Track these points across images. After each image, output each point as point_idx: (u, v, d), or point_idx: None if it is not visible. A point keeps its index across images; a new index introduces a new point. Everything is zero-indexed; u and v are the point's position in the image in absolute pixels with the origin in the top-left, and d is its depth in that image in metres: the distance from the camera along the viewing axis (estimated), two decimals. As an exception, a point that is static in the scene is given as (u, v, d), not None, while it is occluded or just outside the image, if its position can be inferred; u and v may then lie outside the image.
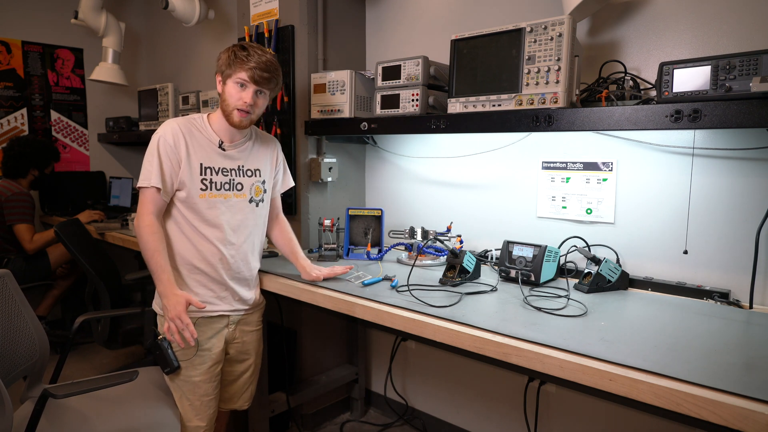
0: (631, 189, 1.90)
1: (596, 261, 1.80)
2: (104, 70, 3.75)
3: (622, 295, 1.76)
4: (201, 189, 1.74)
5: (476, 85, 1.84)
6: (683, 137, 1.76)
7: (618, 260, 1.90)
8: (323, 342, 2.72)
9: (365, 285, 1.84)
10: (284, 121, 2.46)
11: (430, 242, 2.23)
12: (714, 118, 1.37)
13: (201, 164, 1.74)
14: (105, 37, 3.71)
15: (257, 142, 1.90)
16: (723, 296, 1.67)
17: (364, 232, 2.38)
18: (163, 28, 4.20)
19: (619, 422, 2.00)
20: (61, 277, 3.56)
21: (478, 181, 2.34)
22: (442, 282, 1.87)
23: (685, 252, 1.79)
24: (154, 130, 4.00)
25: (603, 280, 1.78)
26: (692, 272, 1.79)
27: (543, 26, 1.65)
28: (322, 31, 2.51)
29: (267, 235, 2.03)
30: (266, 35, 2.47)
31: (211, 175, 1.76)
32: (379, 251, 2.33)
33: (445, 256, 2.03)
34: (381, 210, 2.36)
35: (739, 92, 1.34)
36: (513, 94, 1.74)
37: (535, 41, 1.68)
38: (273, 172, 1.95)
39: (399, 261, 2.25)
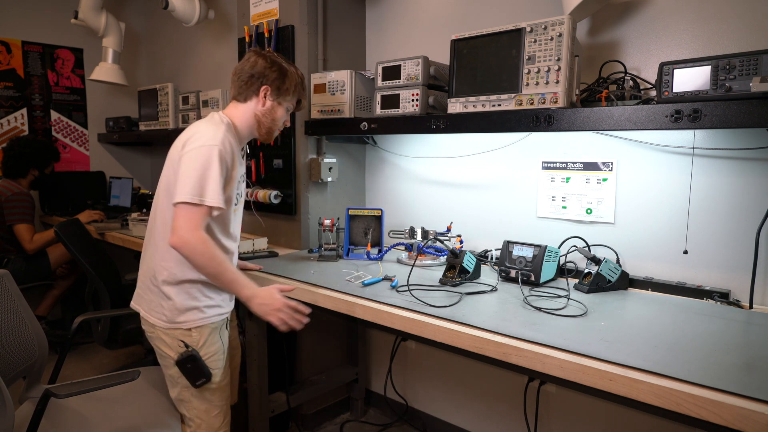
0: (631, 189, 1.90)
1: (596, 261, 1.80)
2: (104, 70, 3.74)
3: (622, 295, 1.76)
4: (234, 203, 1.70)
5: (476, 85, 1.84)
6: (683, 137, 1.76)
7: (618, 260, 1.90)
8: (323, 342, 2.72)
9: (365, 285, 1.84)
10: (284, 121, 2.46)
11: (430, 242, 2.23)
12: (714, 118, 1.37)
13: (236, 175, 1.68)
14: (105, 37, 3.71)
15: None
16: (723, 296, 1.67)
17: (364, 232, 2.38)
18: (163, 28, 4.19)
19: (619, 422, 2.00)
20: (61, 277, 3.56)
21: (478, 181, 2.34)
22: (442, 282, 1.87)
23: (685, 252, 1.79)
24: (154, 130, 3.97)
25: (603, 280, 1.78)
26: (692, 272, 1.79)
27: (543, 26, 1.65)
28: (322, 31, 2.51)
29: None
30: (266, 35, 2.47)
31: (239, 185, 1.73)
32: (379, 251, 2.33)
33: (445, 256, 2.03)
34: (381, 210, 2.36)
35: (739, 92, 1.34)
36: (513, 94, 1.74)
37: (535, 41, 1.67)
38: None
39: (399, 261, 2.25)
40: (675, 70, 1.45)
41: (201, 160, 1.50)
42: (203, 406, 1.71)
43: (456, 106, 1.89)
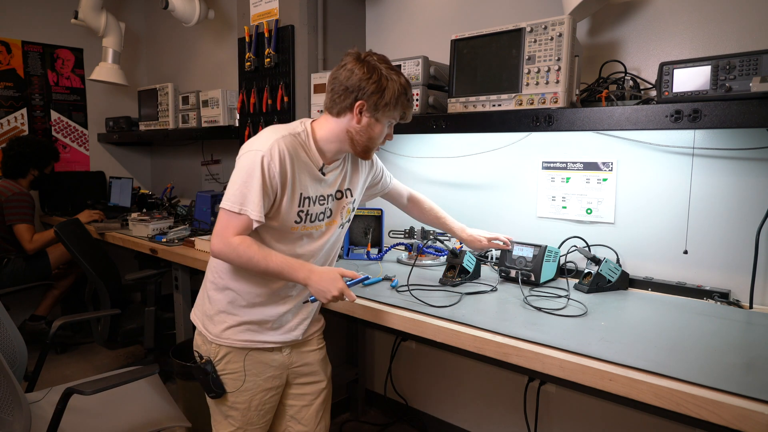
0: (631, 189, 1.90)
1: (596, 261, 1.80)
2: (104, 70, 3.75)
3: (622, 295, 1.76)
4: (295, 222, 1.49)
5: (476, 85, 1.84)
6: (683, 137, 1.76)
7: (618, 260, 1.90)
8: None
9: (365, 285, 1.84)
10: (284, 121, 2.46)
11: (430, 242, 2.23)
12: (714, 118, 1.37)
13: (301, 194, 1.47)
14: (105, 37, 3.71)
15: (350, 158, 1.64)
16: (723, 296, 1.67)
17: (364, 232, 2.38)
18: (163, 28, 4.20)
19: (618, 422, 2.00)
20: (59, 277, 3.56)
21: (478, 181, 2.34)
22: (442, 282, 1.87)
23: (685, 252, 1.79)
24: (154, 130, 3.94)
25: (603, 280, 1.78)
26: (692, 272, 1.79)
27: (543, 26, 1.65)
28: (322, 31, 2.51)
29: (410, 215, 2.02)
30: (266, 35, 2.47)
31: (309, 206, 1.50)
32: (379, 251, 2.33)
33: (445, 256, 2.03)
34: (381, 210, 2.36)
35: (739, 92, 1.34)
36: (513, 94, 1.74)
37: (535, 41, 1.67)
38: (364, 186, 1.73)
39: (399, 261, 2.25)
40: (675, 70, 1.45)
41: (245, 166, 1.39)
42: (217, 417, 1.63)
43: (456, 106, 1.89)
